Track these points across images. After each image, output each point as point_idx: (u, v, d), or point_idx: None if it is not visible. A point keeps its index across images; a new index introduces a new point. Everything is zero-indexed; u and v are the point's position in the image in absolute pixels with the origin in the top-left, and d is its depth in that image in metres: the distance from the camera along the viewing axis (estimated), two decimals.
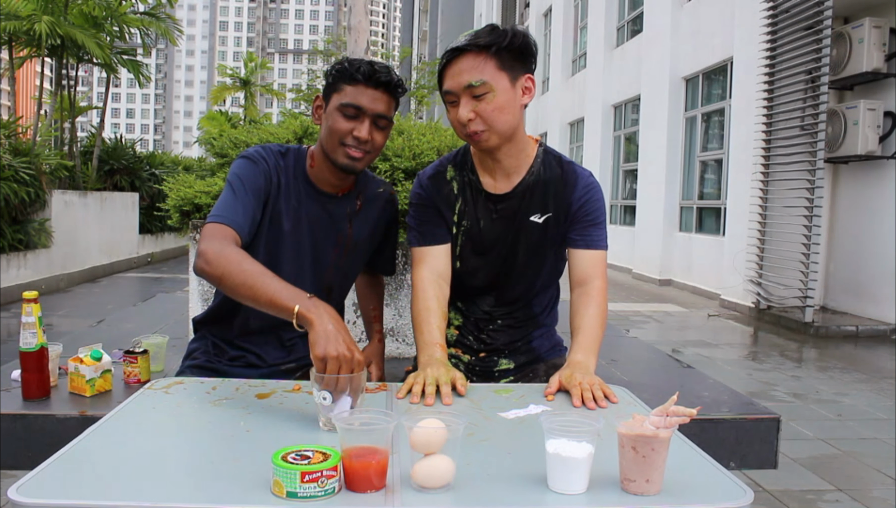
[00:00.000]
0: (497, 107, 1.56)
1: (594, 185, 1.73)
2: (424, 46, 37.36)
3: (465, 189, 1.74)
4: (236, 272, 1.41)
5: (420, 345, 1.65)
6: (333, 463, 0.96)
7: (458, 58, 1.56)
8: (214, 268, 1.43)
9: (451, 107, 1.62)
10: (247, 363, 1.77)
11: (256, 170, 1.65)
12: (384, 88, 1.63)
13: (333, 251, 1.76)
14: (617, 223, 13.23)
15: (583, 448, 0.99)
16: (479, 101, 1.56)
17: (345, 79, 1.63)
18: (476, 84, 1.54)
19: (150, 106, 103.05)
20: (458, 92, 1.57)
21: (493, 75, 1.55)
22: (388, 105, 1.65)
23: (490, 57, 1.55)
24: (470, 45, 1.55)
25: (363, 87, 1.61)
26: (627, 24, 13.00)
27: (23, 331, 1.73)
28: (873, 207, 7.05)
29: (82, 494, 0.96)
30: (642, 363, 3.04)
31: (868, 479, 3.11)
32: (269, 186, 1.67)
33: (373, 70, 1.62)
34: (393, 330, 2.95)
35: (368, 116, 1.62)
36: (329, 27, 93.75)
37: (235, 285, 1.41)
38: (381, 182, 1.88)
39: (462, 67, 1.55)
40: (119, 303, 7.46)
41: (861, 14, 6.95)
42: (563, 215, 1.70)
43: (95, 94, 51.71)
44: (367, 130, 1.63)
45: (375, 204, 1.83)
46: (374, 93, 1.62)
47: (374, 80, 1.61)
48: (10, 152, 7.96)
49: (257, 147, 1.72)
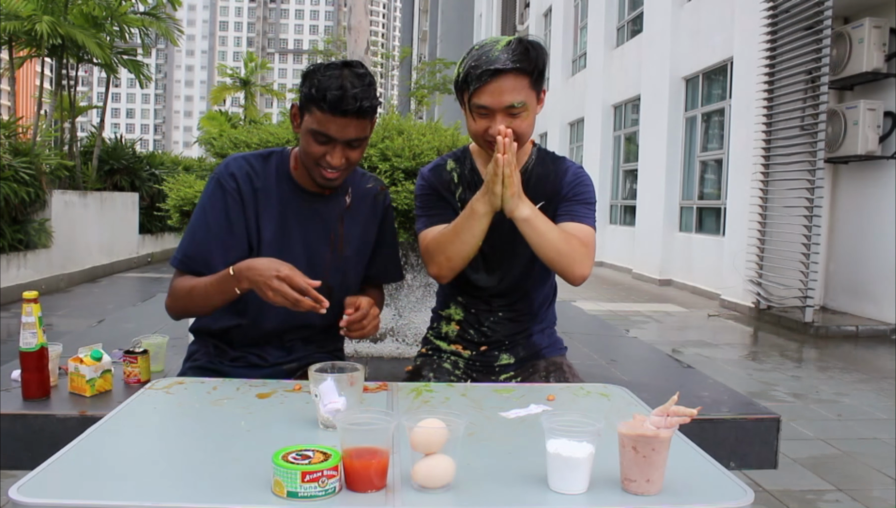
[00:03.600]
0: (528, 124, 1.69)
1: (584, 173, 1.83)
2: (424, 46, 37.35)
3: (464, 179, 1.83)
4: (186, 299, 1.66)
5: (462, 217, 1.68)
6: (334, 463, 0.96)
7: (500, 77, 1.63)
8: (176, 310, 1.71)
9: (479, 118, 1.68)
10: (248, 363, 1.76)
11: (220, 197, 1.68)
12: (354, 115, 1.55)
13: (328, 251, 1.74)
14: (617, 223, 13.23)
15: (583, 448, 0.99)
16: (514, 118, 1.66)
17: (314, 102, 1.56)
18: (518, 105, 1.65)
19: (150, 106, 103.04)
20: (496, 109, 1.65)
21: (527, 95, 1.67)
22: (360, 127, 1.59)
23: (527, 78, 1.65)
24: (512, 68, 1.63)
25: (331, 115, 1.55)
26: (627, 24, 13.00)
27: (23, 331, 1.73)
28: (873, 207, 7.04)
29: (82, 494, 0.96)
30: (642, 363, 3.04)
31: (868, 479, 3.11)
32: (239, 204, 1.68)
33: (340, 99, 1.52)
34: (393, 330, 2.95)
35: (340, 143, 1.59)
36: (329, 27, 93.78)
37: (193, 307, 1.68)
38: (371, 177, 1.86)
39: (504, 88, 1.63)
40: (119, 303, 7.46)
41: (861, 14, 6.95)
42: (555, 201, 1.77)
43: (95, 94, 51.71)
44: (340, 156, 1.60)
45: (366, 200, 1.81)
46: (343, 121, 1.55)
47: (340, 110, 1.54)
48: (10, 152, 7.95)
49: (233, 160, 1.73)
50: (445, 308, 1.92)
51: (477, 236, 1.67)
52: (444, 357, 1.89)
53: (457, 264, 1.72)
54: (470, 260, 1.73)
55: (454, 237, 1.69)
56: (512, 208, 1.61)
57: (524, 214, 1.62)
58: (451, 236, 1.70)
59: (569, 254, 1.66)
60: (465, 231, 1.67)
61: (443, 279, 1.78)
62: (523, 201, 1.62)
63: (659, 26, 10.83)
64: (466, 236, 1.67)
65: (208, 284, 1.60)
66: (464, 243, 1.68)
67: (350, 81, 1.55)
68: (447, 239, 1.70)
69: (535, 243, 1.65)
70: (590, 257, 1.70)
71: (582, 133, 15.01)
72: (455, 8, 30.69)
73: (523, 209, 1.62)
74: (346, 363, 1.31)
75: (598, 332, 3.68)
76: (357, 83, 1.55)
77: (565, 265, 1.67)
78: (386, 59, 36.31)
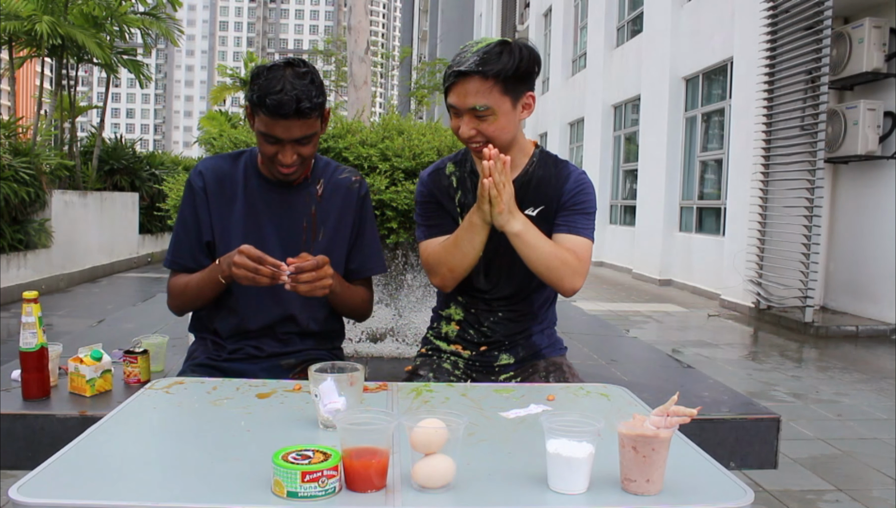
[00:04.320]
0: (498, 128, 1.67)
1: (586, 180, 1.80)
2: (424, 46, 37.36)
3: (464, 181, 1.83)
4: (183, 296, 1.78)
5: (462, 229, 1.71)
6: (334, 463, 0.96)
7: (465, 80, 1.63)
8: (177, 307, 1.83)
9: (453, 116, 1.71)
10: (246, 354, 1.79)
11: (189, 197, 1.79)
12: (295, 116, 1.59)
13: (301, 239, 1.78)
14: (617, 223, 13.23)
15: (583, 448, 0.99)
16: (482, 121, 1.66)
17: (258, 106, 1.61)
18: (480, 109, 1.64)
19: (150, 106, 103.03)
20: (462, 110, 1.66)
21: (496, 100, 1.64)
22: (305, 126, 1.63)
23: (496, 83, 1.62)
24: (476, 71, 1.61)
25: (273, 120, 1.60)
26: (627, 24, 13.00)
27: (23, 331, 1.73)
28: (873, 207, 7.05)
29: (82, 494, 0.96)
30: (642, 363, 3.04)
31: (868, 479, 3.11)
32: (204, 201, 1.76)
33: (279, 104, 1.57)
34: (393, 330, 2.95)
35: (288, 143, 1.64)
36: (329, 27, 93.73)
37: (190, 302, 1.79)
38: (347, 169, 1.88)
39: (468, 90, 1.63)
40: (119, 303, 7.46)
41: (861, 14, 6.95)
42: (555, 206, 1.77)
43: (95, 94, 51.71)
44: (290, 154, 1.66)
45: (339, 190, 1.82)
46: (286, 123, 1.60)
47: (281, 114, 1.58)
48: (10, 152, 7.95)
49: (202, 161, 1.84)
50: (445, 308, 1.93)
51: (477, 248, 1.70)
52: (444, 357, 1.90)
53: (459, 275, 1.75)
54: (472, 268, 1.75)
55: (455, 250, 1.71)
56: (502, 223, 1.63)
57: (515, 229, 1.64)
58: (452, 249, 1.72)
59: (558, 268, 1.67)
60: (464, 243, 1.70)
61: (446, 289, 1.82)
62: (514, 216, 1.64)
63: (659, 26, 10.83)
64: (466, 247, 1.70)
65: (199, 278, 1.72)
66: (465, 254, 1.71)
67: (290, 82, 1.59)
68: (448, 251, 1.73)
69: (525, 257, 1.67)
70: (582, 271, 1.71)
71: (582, 133, 15.01)
72: (455, 8, 30.70)
73: (514, 224, 1.63)
74: (346, 363, 1.31)
75: (598, 332, 3.68)
76: (297, 84, 1.59)
77: (554, 279, 1.69)
78: (386, 59, 36.29)
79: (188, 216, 1.79)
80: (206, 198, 1.77)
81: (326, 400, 1.20)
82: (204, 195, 1.77)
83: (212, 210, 1.77)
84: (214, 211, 1.77)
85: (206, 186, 1.78)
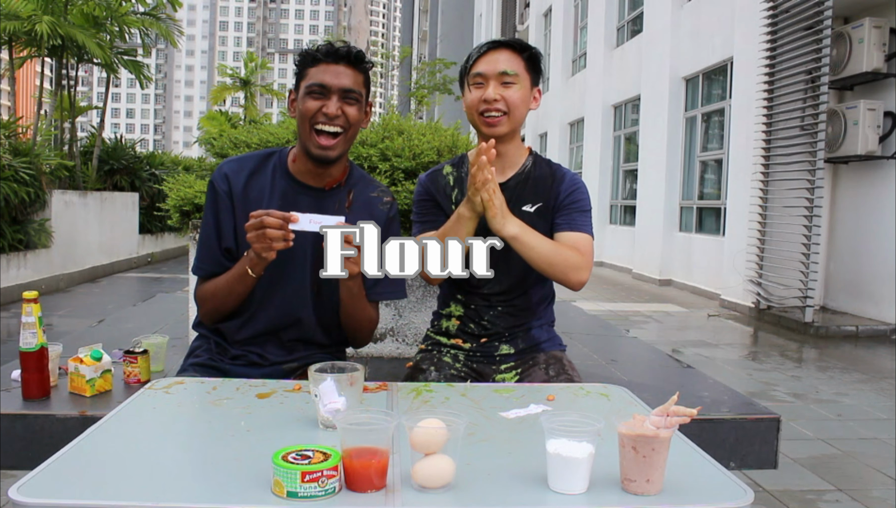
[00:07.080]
0: (520, 98, 1.79)
1: (580, 181, 1.90)
2: (424, 46, 37.34)
3: (461, 181, 1.89)
4: (213, 300, 1.73)
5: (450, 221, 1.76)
6: (334, 463, 0.96)
7: (497, 49, 1.80)
8: (209, 316, 1.76)
9: (475, 88, 1.80)
10: (249, 361, 1.76)
11: (212, 200, 1.75)
12: (346, 61, 1.67)
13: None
14: (617, 223, 13.23)
15: (583, 448, 0.99)
16: (507, 88, 1.77)
17: (307, 63, 1.69)
18: (510, 73, 1.78)
19: (150, 106, 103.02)
20: (490, 76, 1.78)
21: (522, 73, 1.80)
22: (355, 80, 1.68)
23: (524, 60, 1.81)
24: (509, 43, 1.81)
25: (324, 65, 1.67)
26: (627, 24, 13.00)
27: (23, 331, 1.73)
28: (873, 207, 7.05)
29: (82, 494, 0.96)
30: (642, 363, 3.04)
31: (868, 479, 3.11)
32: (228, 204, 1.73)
33: (331, 46, 1.67)
34: (393, 330, 2.95)
35: (335, 91, 1.66)
36: (329, 27, 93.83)
37: (222, 304, 1.72)
38: (377, 185, 1.85)
39: (500, 57, 1.79)
40: (119, 303, 7.46)
41: (861, 14, 6.95)
42: (551, 204, 1.84)
43: (95, 94, 51.73)
44: (336, 106, 1.66)
45: (369, 206, 1.79)
46: (336, 68, 1.66)
47: (333, 55, 1.66)
48: (10, 152, 7.95)
49: (226, 162, 1.80)
50: (446, 307, 1.96)
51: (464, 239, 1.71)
52: (445, 351, 1.92)
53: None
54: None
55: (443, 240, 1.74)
56: (498, 227, 1.66)
57: (511, 232, 1.67)
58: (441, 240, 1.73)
59: (561, 264, 1.72)
60: (452, 234, 1.72)
61: (436, 281, 1.87)
62: (508, 220, 1.67)
63: (659, 26, 10.83)
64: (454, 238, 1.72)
65: (228, 276, 1.69)
66: None
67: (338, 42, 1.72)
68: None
69: (527, 259, 1.72)
70: (587, 264, 1.76)
71: (582, 133, 15.00)
72: (455, 8, 30.71)
73: (510, 228, 1.67)
74: (346, 363, 1.31)
75: (598, 332, 3.68)
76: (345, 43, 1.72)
77: (559, 275, 1.74)
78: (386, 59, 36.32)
79: (210, 220, 1.75)
80: (229, 202, 1.73)
81: (326, 400, 1.20)
82: (228, 199, 1.73)
83: (237, 215, 1.71)
84: (240, 215, 1.70)
85: (231, 190, 1.73)
